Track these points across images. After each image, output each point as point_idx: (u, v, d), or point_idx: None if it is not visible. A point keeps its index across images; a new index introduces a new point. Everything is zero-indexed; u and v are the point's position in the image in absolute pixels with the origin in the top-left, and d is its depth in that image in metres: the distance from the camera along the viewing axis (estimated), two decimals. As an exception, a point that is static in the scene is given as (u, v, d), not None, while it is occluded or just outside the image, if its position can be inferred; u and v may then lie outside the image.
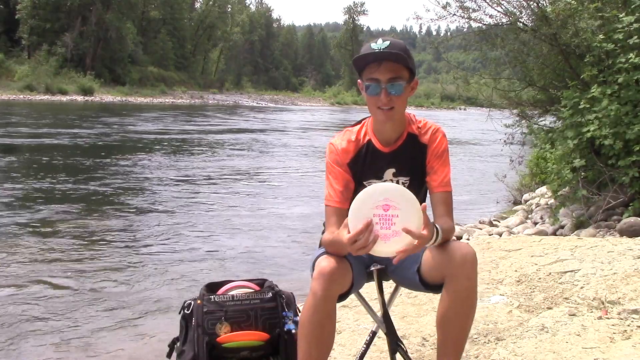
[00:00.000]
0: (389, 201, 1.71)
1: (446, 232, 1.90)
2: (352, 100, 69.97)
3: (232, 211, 8.42)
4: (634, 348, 2.46)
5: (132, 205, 8.49)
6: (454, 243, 1.92)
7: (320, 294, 1.81)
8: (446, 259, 1.86)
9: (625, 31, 5.61)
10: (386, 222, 1.71)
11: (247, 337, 2.16)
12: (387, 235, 1.70)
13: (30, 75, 42.41)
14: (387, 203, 1.71)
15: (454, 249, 1.87)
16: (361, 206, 1.73)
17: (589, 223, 6.05)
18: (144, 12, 61.58)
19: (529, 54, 8.10)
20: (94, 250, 6.04)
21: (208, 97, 57.34)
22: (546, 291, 3.37)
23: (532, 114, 9.09)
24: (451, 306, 1.88)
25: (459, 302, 1.87)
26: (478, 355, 2.65)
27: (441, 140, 2.03)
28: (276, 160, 15.10)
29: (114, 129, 20.93)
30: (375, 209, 1.71)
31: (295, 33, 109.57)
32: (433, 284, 1.96)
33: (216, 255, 6.15)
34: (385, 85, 1.89)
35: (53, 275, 5.17)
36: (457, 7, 8.48)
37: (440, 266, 1.88)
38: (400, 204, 1.71)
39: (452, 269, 1.85)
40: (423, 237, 1.69)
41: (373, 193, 1.74)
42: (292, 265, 5.84)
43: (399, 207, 1.71)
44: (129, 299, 4.70)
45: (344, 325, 3.16)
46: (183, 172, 12.05)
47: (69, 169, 11.41)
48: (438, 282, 1.93)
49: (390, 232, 1.70)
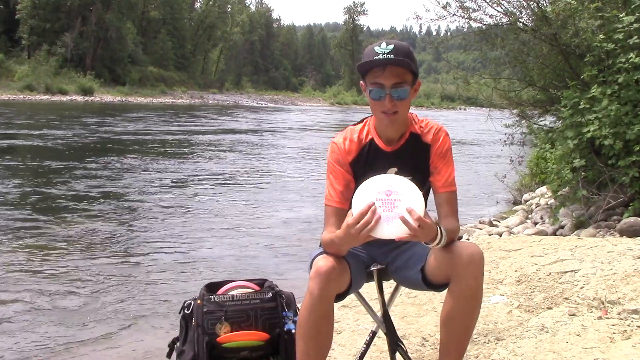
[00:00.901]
0: (392, 188, 1.75)
1: (451, 232, 1.90)
2: (352, 100, 70.00)
3: (232, 211, 8.42)
4: (634, 348, 2.46)
5: (131, 206, 8.48)
6: (460, 243, 1.92)
7: (316, 294, 1.81)
8: (453, 259, 1.86)
9: (625, 31, 5.60)
10: (388, 205, 1.73)
11: (247, 337, 2.16)
12: (389, 217, 1.72)
13: (30, 75, 42.42)
14: (389, 189, 1.75)
15: (461, 248, 1.87)
16: (364, 193, 1.76)
17: (589, 223, 6.05)
18: (144, 12, 61.58)
19: (529, 54, 8.10)
20: (93, 250, 6.04)
21: (208, 97, 57.35)
22: (546, 291, 3.37)
23: (532, 114, 9.09)
24: (456, 305, 1.88)
25: (465, 301, 1.87)
26: (478, 355, 2.65)
27: (444, 140, 2.03)
28: (276, 161, 15.10)
29: (113, 129, 20.94)
30: (378, 194, 1.74)
31: (295, 33, 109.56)
32: (437, 283, 1.96)
33: (216, 255, 6.15)
34: (389, 91, 1.88)
35: (52, 275, 5.17)
36: (457, 7, 8.50)
37: (446, 265, 1.88)
38: (402, 191, 1.75)
39: (459, 269, 1.85)
40: (425, 222, 1.70)
41: (376, 181, 1.78)
42: (292, 265, 5.84)
43: (401, 194, 1.74)
44: (128, 299, 4.69)
45: (344, 325, 3.16)
46: (182, 172, 12.05)
47: (64, 170, 11.40)
48: (442, 282, 1.93)
49: (392, 214, 1.72)
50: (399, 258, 2.08)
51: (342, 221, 1.97)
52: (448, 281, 1.91)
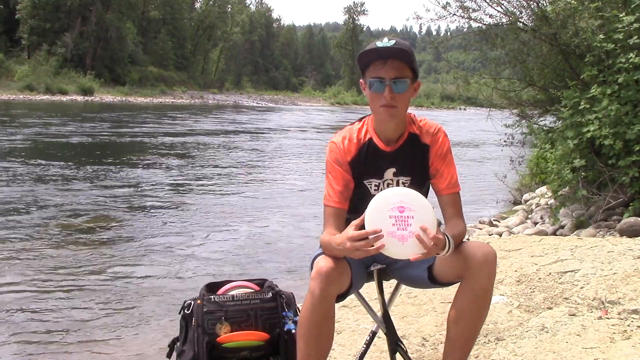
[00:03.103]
0: (404, 203, 1.74)
1: (459, 234, 1.91)
2: (352, 100, 70.00)
3: (232, 211, 8.42)
4: (634, 348, 2.46)
5: (130, 205, 8.49)
6: (473, 242, 1.93)
7: (317, 294, 1.81)
8: (466, 258, 1.86)
9: (625, 31, 5.60)
10: (402, 223, 1.72)
11: (247, 337, 2.16)
12: (404, 236, 1.72)
13: (30, 75, 42.44)
14: (402, 205, 1.74)
15: (475, 248, 1.88)
16: (378, 208, 1.75)
17: (589, 223, 6.05)
18: (144, 12, 61.57)
19: (529, 53, 8.10)
20: (93, 250, 6.04)
21: (208, 97, 57.36)
22: (546, 291, 3.37)
23: (532, 114, 9.08)
24: (468, 304, 1.89)
25: (476, 300, 1.88)
26: (478, 355, 2.65)
27: (443, 141, 2.02)
28: (276, 160, 15.10)
29: (113, 129, 20.94)
30: (391, 211, 1.73)
31: (295, 33, 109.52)
32: (445, 281, 1.97)
33: (216, 255, 6.15)
34: (389, 82, 1.89)
35: (50, 275, 5.17)
36: (457, 7, 8.49)
37: (458, 265, 1.88)
38: (415, 206, 1.74)
39: (473, 268, 1.85)
40: (438, 239, 1.71)
41: (388, 195, 1.77)
42: (292, 265, 5.84)
43: (414, 210, 1.73)
44: (128, 299, 4.70)
45: (344, 325, 3.16)
46: (182, 172, 12.05)
47: (63, 170, 11.40)
48: (451, 280, 1.94)
49: (407, 233, 1.72)
50: None
51: (341, 221, 1.97)
52: (458, 280, 1.92)
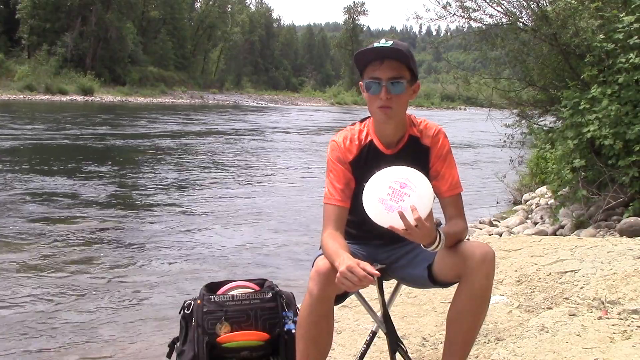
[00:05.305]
0: (409, 182, 1.76)
1: (460, 232, 1.92)
2: (352, 100, 69.92)
3: (232, 211, 8.42)
4: (634, 348, 2.46)
5: (130, 205, 8.49)
6: (472, 242, 1.93)
7: (316, 294, 1.81)
8: (465, 258, 1.86)
9: (626, 31, 5.60)
10: (397, 196, 1.74)
11: (247, 337, 2.16)
12: (392, 207, 1.73)
13: (30, 75, 42.37)
14: (406, 182, 1.75)
15: (474, 247, 1.88)
16: (383, 175, 1.78)
17: (589, 223, 6.05)
18: (144, 12, 61.51)
19: (529, 54, 8.12)
20: (93, 249, 6.04)
21: (208, 97, 57.31)
22: (546, 291, 3.37)
23: (532, 114, 9.09)
24: (466, 304, 1.89)
25: (475, 300, 1.88)
26: (478, 355, 2.65)
27: (443, 142, 2.03)
28: (276, 160, 15.10)
29: (113, 129, 20.93)
30: (393, 183, 1.75)
31: (295, 33, 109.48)
32: (445, 281, 1.97)
33: (216, 255, 6.14)
34: (385, 84, 1.89)
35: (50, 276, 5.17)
36: (457, 7, 8.51)
37: (457, 264, 1.88)
38: (417, 189, 1.75)
39: (471, 268, 1.85)
40: (423, 224, 1.71)
41: (396, 170, 1.79)
42: (292, 265, 5.84)
43: (414, 191, 1.74)
44: (128, 299, 4.69)
45: (344, 325, 3.16)
46: (182, 172, 12.05)
47: (63, 170, 11.40)
48: (451, 280, 1.94)
49: (396, 205, 1.73)
50: (403, 257, 2.08)
51: (342, 220, 1.97)
52: (457, 279, 1.92)
